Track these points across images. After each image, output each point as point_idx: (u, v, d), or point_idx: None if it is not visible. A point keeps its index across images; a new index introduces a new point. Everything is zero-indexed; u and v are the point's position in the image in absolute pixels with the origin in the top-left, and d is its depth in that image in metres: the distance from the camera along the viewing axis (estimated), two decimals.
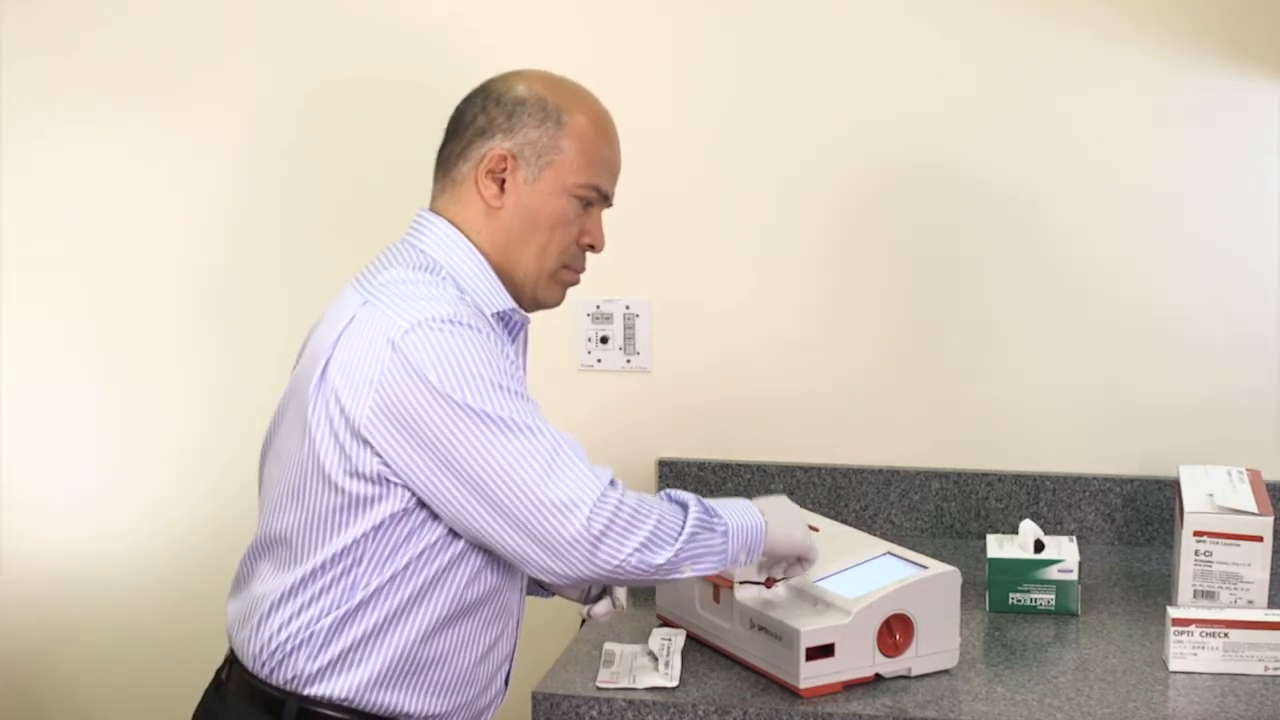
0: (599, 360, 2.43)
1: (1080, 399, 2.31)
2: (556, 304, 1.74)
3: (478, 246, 1.67)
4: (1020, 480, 2.33)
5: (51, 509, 2.64)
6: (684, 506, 1.60)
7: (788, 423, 2.40)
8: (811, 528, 1.97)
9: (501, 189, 1.67)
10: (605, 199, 1.72)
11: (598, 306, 2.42)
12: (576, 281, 1.74)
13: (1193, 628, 1.80)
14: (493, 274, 1.68)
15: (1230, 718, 1.69)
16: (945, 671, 1.80)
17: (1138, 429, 2.30)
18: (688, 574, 1.58)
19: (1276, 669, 1.79)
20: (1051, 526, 2.31)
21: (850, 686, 1.75)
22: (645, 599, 2.07)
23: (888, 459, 2.38)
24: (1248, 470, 2.05)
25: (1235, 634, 1.79)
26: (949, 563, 1.85)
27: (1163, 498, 2.29)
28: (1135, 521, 2.31)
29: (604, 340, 2.43)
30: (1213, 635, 1.80)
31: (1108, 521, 2.32)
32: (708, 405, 2.42)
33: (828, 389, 2.38)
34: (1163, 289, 2.26)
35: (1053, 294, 2.29)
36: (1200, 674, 1.80)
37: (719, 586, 1.84)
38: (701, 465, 2.41)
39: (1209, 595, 1.94)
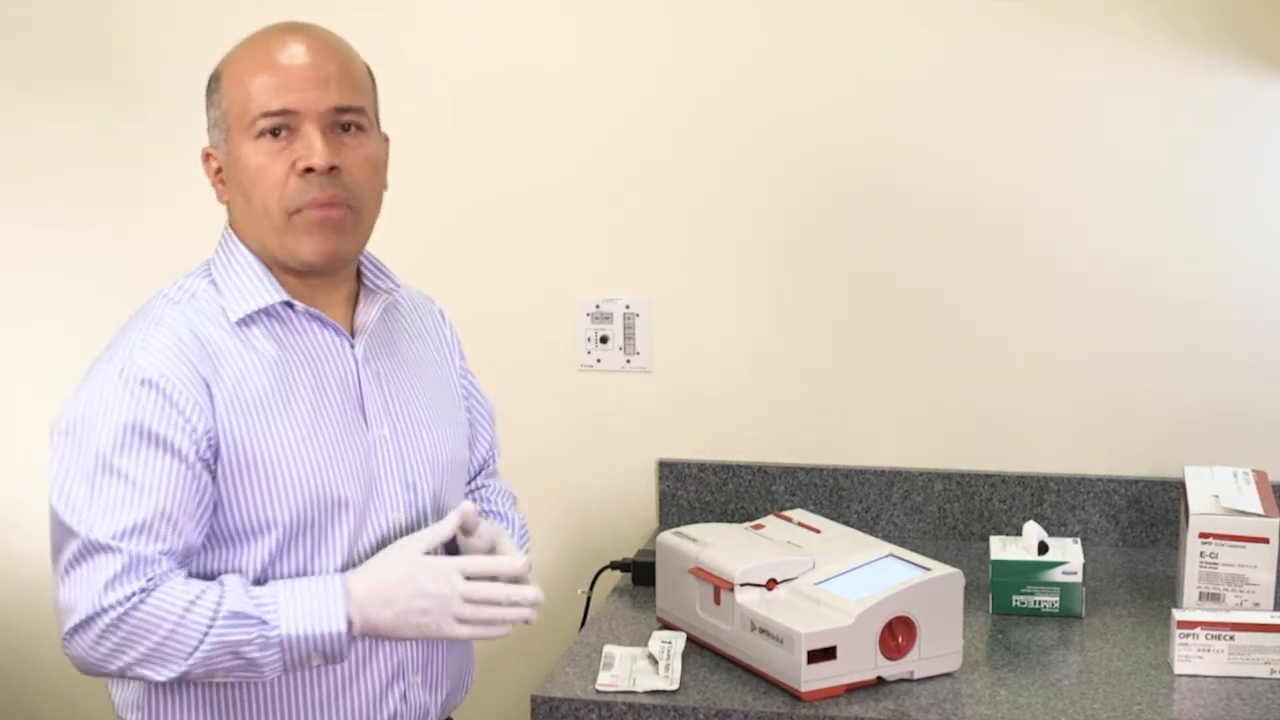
0: (599, 360, 2.42)
1: (1085, 399, 2.30)
2: (320, 255, 1.59)
3: (245, 244, 1.62)
4: (1024, 481, 2.31)
5: (44, 507, 2.62)
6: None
7: (788, 423, 2.38)
8: (812, 529, 1.96)
9: (225, 183, 1.62)
10: (294, 115, 1.56)
11: (598, 306, 2.40)
12: (325, 217, 1.57)
13: (1198, 630, 1.79)
14: (255, 269, 1.61)
15: None
16: (948, 674, 1.79)
17: (1143, 430, 2.29)
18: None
19: None
20: (1055, 528, 2.30)
21: (852, 689, 1.73)
22: (645, 602, 2.05)
23: (890, 460, 2.37)
24: (1254, 471, 2.04)
25: (1241, 637, 1.78)
26: (952, 564, 1.84)
27: (1168, 499, 2.28)
28: (1140, 523, 2.29)
29: (604, 340, 2.41)
30: (1218, 638, 1.78)
31: (1112, 523, 2.30)
32: (708, 405, 2.40)
33: (829, 389, 2.36)
34: (1168, 288, 2.25)
35: (1057, 294, 2.28)
36: (1205, 677, 1.79)
37: (719, 589, 1.82)
38: (702, 465, 2.40)
39: (1214, 597, 1.92)
